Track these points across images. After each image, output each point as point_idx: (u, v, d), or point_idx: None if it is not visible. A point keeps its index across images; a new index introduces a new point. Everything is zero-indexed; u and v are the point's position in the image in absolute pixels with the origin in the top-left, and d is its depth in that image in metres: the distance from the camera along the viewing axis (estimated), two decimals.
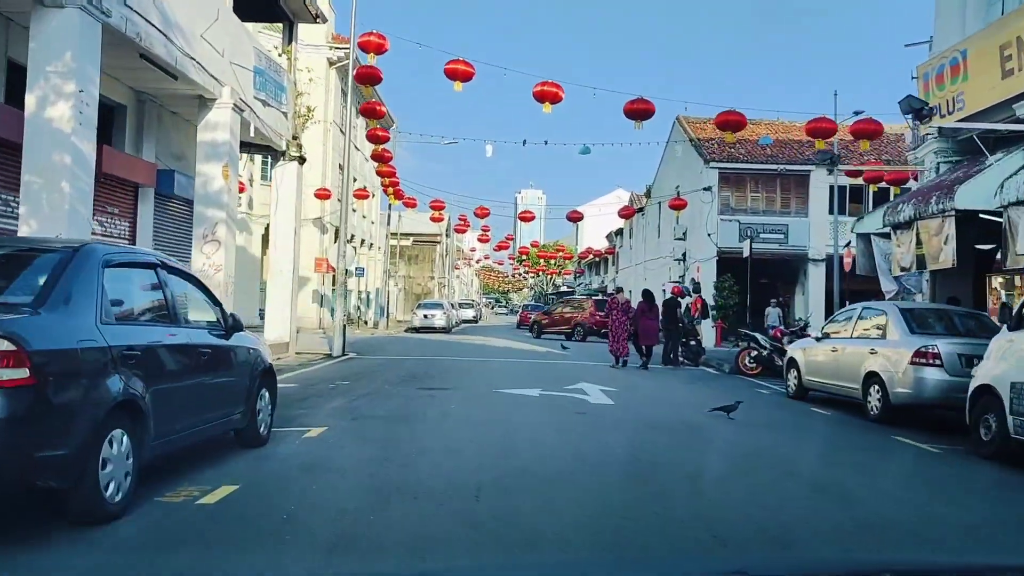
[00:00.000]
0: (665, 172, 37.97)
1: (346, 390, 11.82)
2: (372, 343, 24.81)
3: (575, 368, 18.07)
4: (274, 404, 7.55)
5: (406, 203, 35.23)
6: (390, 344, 24.54)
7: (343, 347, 19.55)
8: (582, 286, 67.44)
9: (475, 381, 13.97)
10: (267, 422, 7.29)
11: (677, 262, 33.95)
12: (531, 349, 24.34)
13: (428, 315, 35.73)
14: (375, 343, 24.91)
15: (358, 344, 23.21)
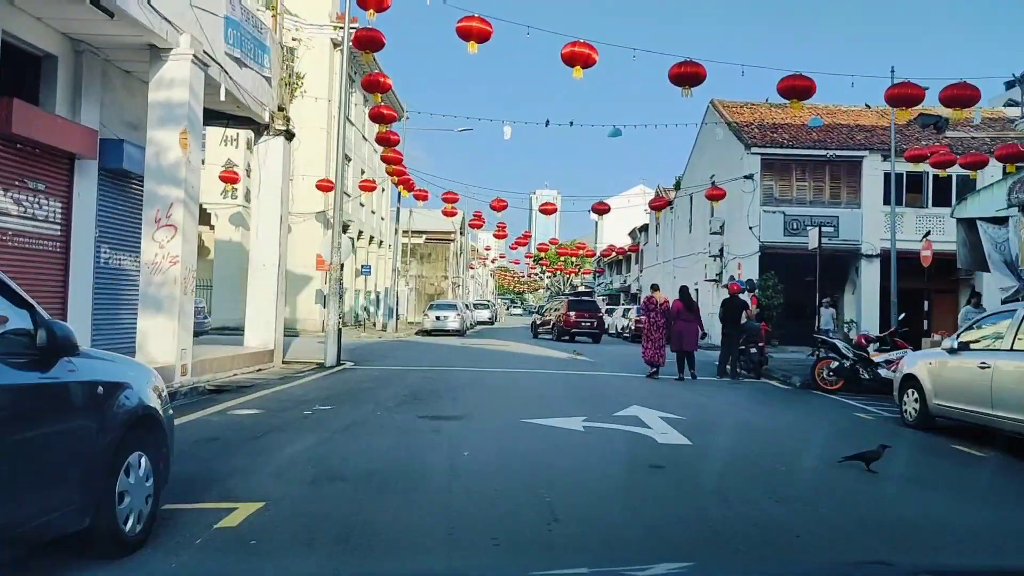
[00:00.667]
0: (697, 161, 34.68)
1: (323, 420, 8.69)
2: (376, 349, 21.70)
3: (613, 382, 14.88)
4: (161, 476, 4.39)
5: (416, 195, 32.17)
6: (396, 350, 21.42)
7: (338, 355, 16.47)
8: (602, 286, 64.05)
9: (495, 404, 10.81)
10: (143, 510, 4.14)
11: (713, 259, 30.66)
12: (555, 356, 21.15)
13: (441, 317, 32.63)
14: (379, 349, 21.81)
15: (359, 351, 20.12)
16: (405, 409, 9.67)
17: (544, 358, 20.21)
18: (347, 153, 36.04)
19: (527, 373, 15.86)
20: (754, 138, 28.90)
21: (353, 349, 20.40)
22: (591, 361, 19.62)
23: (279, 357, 16.18)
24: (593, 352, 23.53)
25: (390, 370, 15.60)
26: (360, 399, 10.79)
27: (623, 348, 27.69)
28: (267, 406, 9.81)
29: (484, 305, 53.26)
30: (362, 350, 20.59)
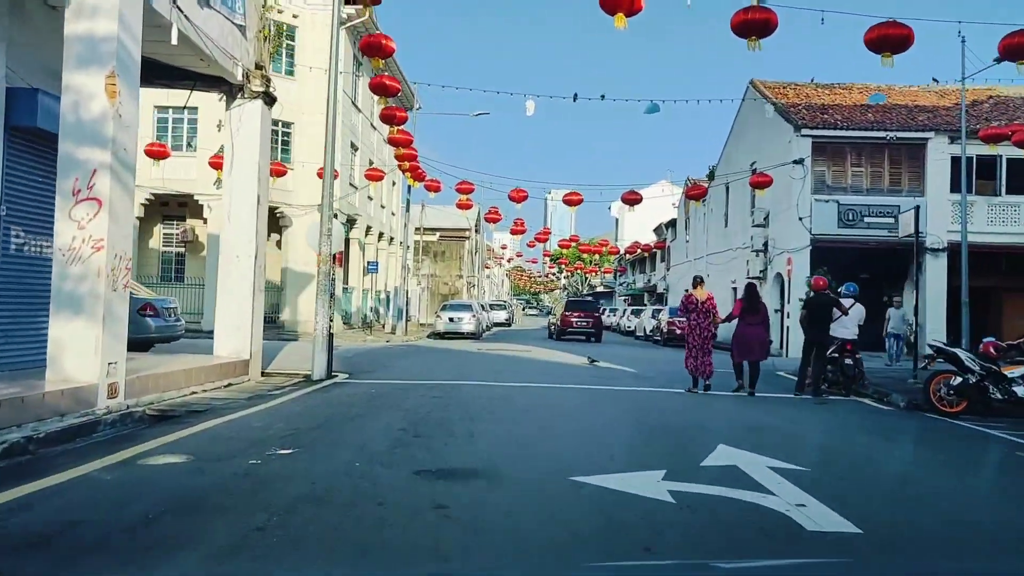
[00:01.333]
0: (735, 148, 31.43)
1: (268, 482, 5.61)
2: (379, 355, 18.64)
3: (670, 402, 11.76)
4: None
5: (428, 186, 29.10)
6: (402, 357, 18.33)
7: (328, 365, 13.44)
8: (624, 286, 60.87)
9: (528, 443, 7.69)
10: None
11: (756, 254, 27.42)
12: (587, 366, 18.05)
13: (454, 318, 29.59)
14: (383, 355, 18.74)
15: (359, 358, 17.11)
16: (399, 457, 6.57)
17: (576, 368, 17.08)
18: (353, 141, 33.12)
19: (561, 389, 12.73)
20: (803, 119, 25.65)
21: (352, 357, 17.38)
22: (631, 372, 16.50)
23: (256, 368, 13.16)
24: (630, 359, 20.39)
25: (390, 385, 12.52)
26: (339, 437, 7.71)
27: (655, 353, 24.51)
28: (204, 449, 6.75)
29: (501, 306, 50.21)
30: (363, 357, 17.56)
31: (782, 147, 25.71)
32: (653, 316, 33.41)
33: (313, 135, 29.47)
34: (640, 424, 9.18)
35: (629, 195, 26.35)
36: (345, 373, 13.92)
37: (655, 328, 31.40)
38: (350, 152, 31.66)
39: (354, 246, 32.93)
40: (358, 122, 33.05)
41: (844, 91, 29.34)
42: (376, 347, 21.83)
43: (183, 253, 29.62)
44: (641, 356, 22.44)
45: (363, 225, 33.62)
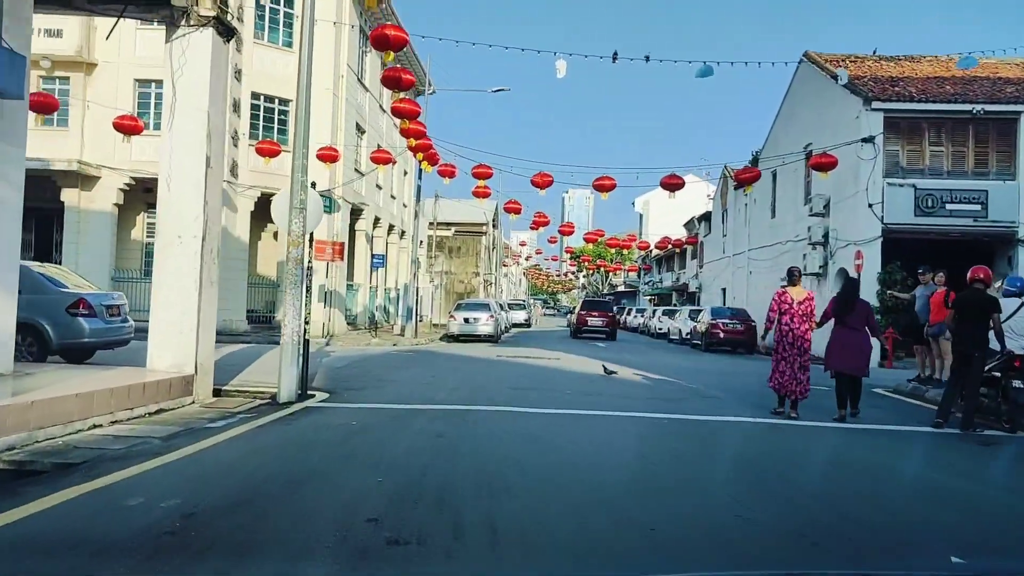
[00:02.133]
0: (785, 129, 27.82)
1: None
2: (377, 365, 15.26)
3: (778, 443, 8.32)
4: None
5: (441, 171, 25.78)
6: (405, 368, 14.90)
7: (302, 383, 10.09)
8: (649, 285, 57.20)
9: (585, 538, 4.31)
10: None
11: (814, 247, 23.82)
12: (634, 379, 14.62)
13: (470, 319, 26.22)
14: (382, 365, 15.34)
15: (352, 368, 13.78)
16: None
17: (619, 383, 13.61)
18: (359, 123, 29.84)
19: (614, 420, 9.21)
20: (873, 91, 22.03)
21: (343, 367, 14.05)
22: (689, 387, 13.01)
23: (205, 386, 9.82)
24: (676, 369, 16.91)
25: (380, 412, 9.13)
26: (253, 538, 4.31)
27: (700, 360, 20.99)
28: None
29: (520, 305, 46.76)
30: (357, 367, 14.21)
31: (847, 124, 22.12)
32: (691, 317, 29.86)
33: (315, 113, 26.21)
34: (746, 491, 5.73)
35: (670, 179, 22.84)
36: (325, 392, 10.56)
37: (694, 331, 27.87)
38: (355, 134, 28.36)
39: (360, 239, 29.65)
40: (364, 102, 29.75)
41: (912, 63, 25.67)
42: (378, 353, 18.46)
43: None
44: (687, 365, 18.94)
45: (370, 216, 30.33)
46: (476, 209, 50.19)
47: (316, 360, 15.13)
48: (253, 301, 26.02)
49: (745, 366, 19.66)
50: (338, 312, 26.88)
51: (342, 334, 26.50)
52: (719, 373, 16.60)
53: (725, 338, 25.47)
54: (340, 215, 26.78)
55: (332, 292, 26.48)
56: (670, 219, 56.46)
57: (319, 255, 23.35)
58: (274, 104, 25.53)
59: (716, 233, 37.68)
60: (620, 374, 14.70)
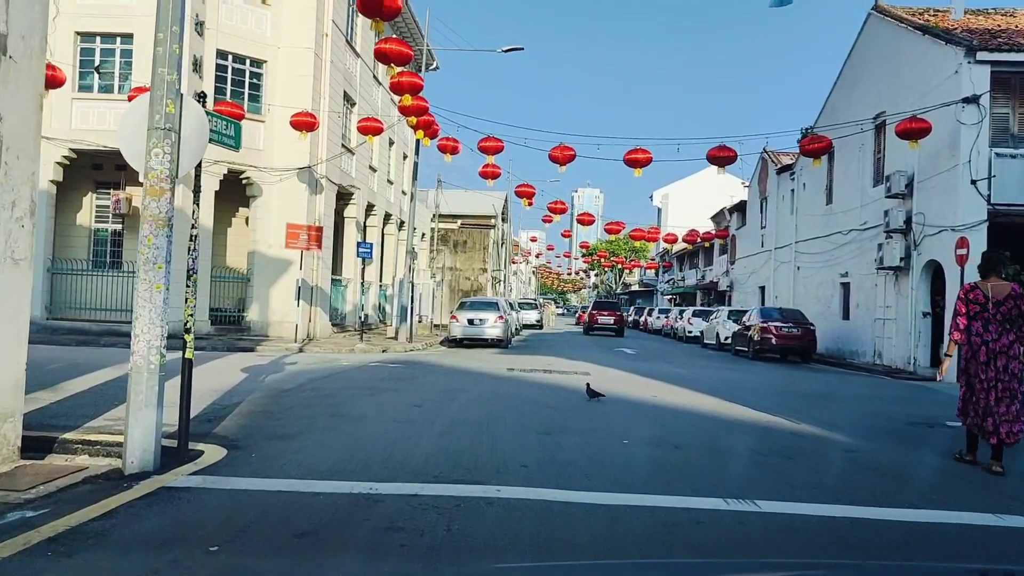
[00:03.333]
0: (846, 97, 23.37)
1: None
2: (342, 385, 10.86)
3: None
4: None
5: (442, 146, 21.53)
6: (378, 391, 10.38)
7: (182, 434, 5.79)
8: (670, 283, 52.69)
9: None
10: None
11: (891, 236, 19.40)
12: (708, 407, 10.29)
13: (475, 320, 21.93)
14: (349, 385, 10.93)
15: (297, 394, 9.46)
16: None
17: (692, 417, 9.26)
18: (348, 92, 25.57)
19: (735, 531, 4.98)
20: (976, 42, 17.62)
21: (293, 389, 9.76)
22: (815, 437, 8.67)
23: (9, 435, 5.54)
24: (740, 386, 12.57)
25: (291, 502, 4.83)
26: None
27: (756, 371, 16.62)
28: None
29: (531, 304, 42.45)
30: (313, 390, 9.90)
31: (938, 85, 17.72)
32: (732, 319, 25.47)
33: (293, 76, 22.01)
34: None
35: (719, 151, 18.51)
36: (224, 445, 6.27)
37: (737, 335, 23.47)
38: (342, 105, 24.08)
39: (350, 227, 25.39)
40: (355, 69, 25.46)
41: (1006, 17, 21.23)
42: (355, 365, 14.11)
43: (121, 231, 22.23)
44: (751, 380, 14.58)
45: (362, 201, 26.06)
46: (484, 200, 45.94)
47: (260, 377, 10.85)
48: (219, 298, 21.79)
49: (823, 381, 15.29)
50: (320, 312, 22.62)
51: (325, 337, 22.26)
52: (804, 395, 12.24)
53: (778, 344, 21.10)
54: (323, 197, 22.52)
55: (314, 288, 22.22)
56: (692, 213, 52.06)
57: (291, 241, 19.10)
58: (244, 65, 21.29)
59: (753, 225, 33.23)
60: (677, 399, 10.34)
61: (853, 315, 22.19)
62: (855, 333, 21.92)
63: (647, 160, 19.33)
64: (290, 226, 18.78)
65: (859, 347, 21.58)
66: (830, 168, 24.50)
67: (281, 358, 14.58)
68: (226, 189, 22.14)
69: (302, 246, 18.78)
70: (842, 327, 22.82)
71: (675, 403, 10.05)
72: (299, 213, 21.22)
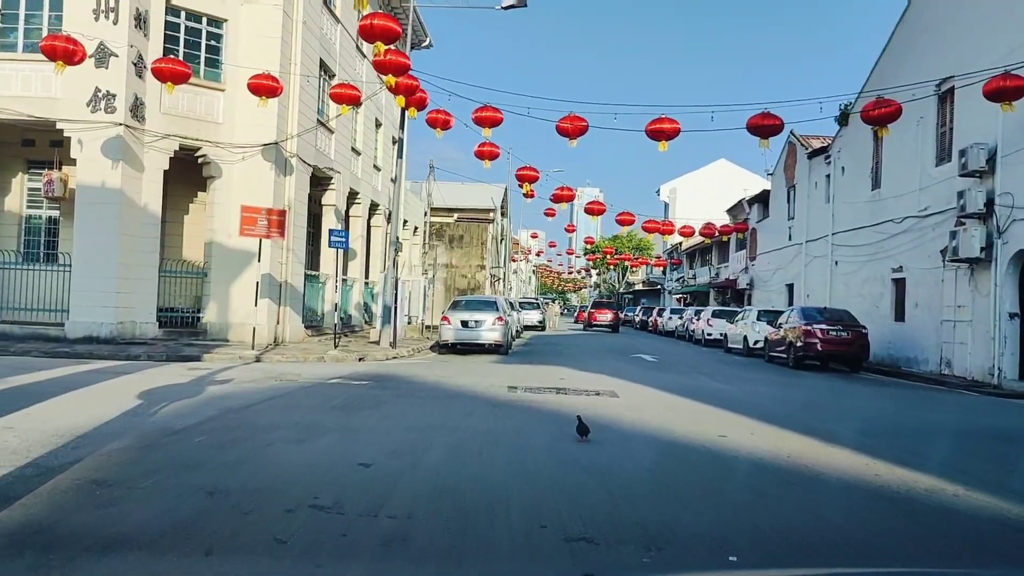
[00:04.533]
0: (898, 65, 19.97)
1: None
2: (269, 420, 7.45)
3: None
4: None
5: (432, 120, 18.19)
6: (315, 433, 6.83)
7: None
8: (679, 282, 49.31)
9: None
10: None
11: (968, 222, 16.06)
12: (807, 455, 6.92)
13: (470, 322, 18.61)
14: (277, 420, 7.47)
15: (185, 440, 6.07)
16: None
17: (814, 478, 5.93)
18: (325, 60, 22.19)
19: None
20: None
21: (184, 430, 6.40)
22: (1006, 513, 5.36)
23: None
24: (809, 408, 9.30)
25: None
26: None
27: (812, 385, 13.29)
28: None
29: (533, 304, 39.12)
30: (209, 434, 6.52)
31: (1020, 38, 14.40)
32: (763, 320, 22.11)
33: (259, 38, 18.62)
34: None
35: (762, 119, 15.19)
36: None
37: (771, 340, 20.11)
38: (319, 75, 20.72)
39: (329, 216, 22.04)
40: (334, 36, 22.12)
41: None
42: (304, 385, 10.65)
43: (57, 219, 18.88)
44: (818, 402, 11.28)
45: (342, 187, 22.72)
46: (482, 192, 42.60)
47: (156, 406, 7.52)
48: (171, 296, 18.44)
49: (905, 400, 11.96)
50: (291, 312, 19.27)
51: (296, 342, 18.93)
52: (915, 427, 8.93)
53: (824, 351, 17.80)
54: (293, 179, 19.17)
55: (283, 285, 18.89)
56: (702, 208, 48.76)
57: (247, 227, 15.72)
58: (200, 24, 17.96)
59: (777, 216, 29.88)
60: (755, 440, 7.00)
61: (910, 316, 18.86)
62: (913, 337, 18.59)
63: (674, 131, 16.01)
64: (246, 209, 15.41)
65: (919, 354, 18.26)
66: (876, 148, 21.18)
67: (218, 372, 11.23)
68: (182, 169, 18.81)
69: (261, 233, 15.42)
70: (895, 330, 19.49)
71: (758, 449, 6.70)
72: (265, 197, 17.89)
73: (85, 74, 16.00)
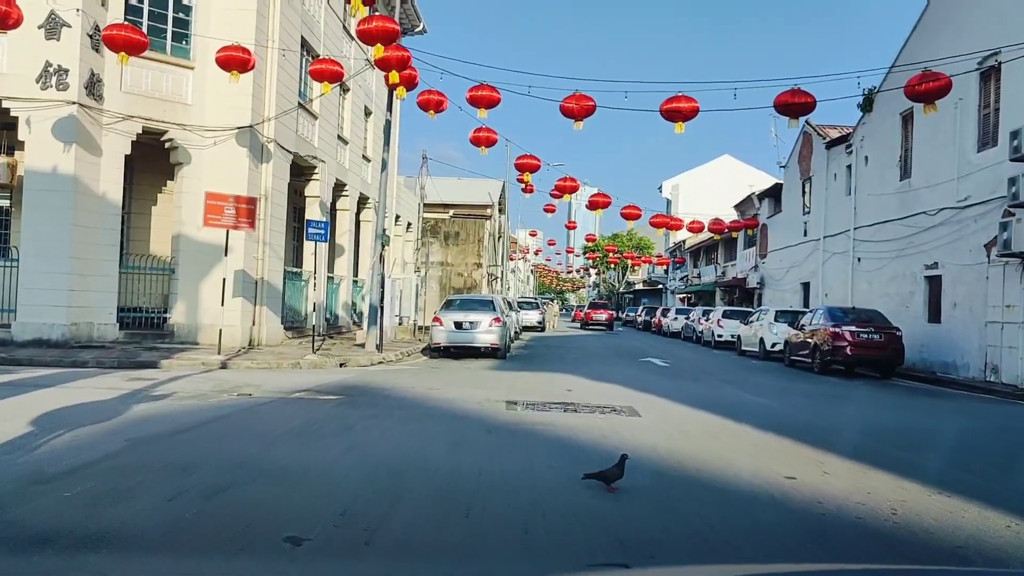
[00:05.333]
0: (930, 42, 18.15)
1: None
2: (166, 470, 5.66)
3: None
4: None
5: (423, 101, 16.42)
6: (205, 501, 5.05)
7: None
8: (683, 281, 47.53)
9: None
10: None
11: (1019, 213, 14.29)
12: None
13: (465, 323, 16.82)
14: (182, 469, 5.68)
15: (41, 499, 4.29)
16: None
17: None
18: (308, 40, 20.37)
19: None
20: None
21: (59, 476, 4.53)
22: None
23: None
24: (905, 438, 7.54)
25: None
26: None
27: (846, 398, 11.53)
28: None
29: (532, 304, 37.32)
30: (97, 480, 4.79)
31: None
32: (782, 321, 20.33)
33: (232, 10, 16.78)
34: None
35: (791, 96, 13.46)
36: None
37: (792, 343, 18.33)
38: (298, 52, 18.91)
39: (313, 209, 20.22)
40: (318, 12, 20.31)
41: None
42: (262, 400, 8.82)
43: (8, 208, 17.07)
44: (868, 418, 9.53)
45: (327, 177, 20.91)
46: (479, 188, 40.82)
47: (47, 435, 5.71)
48: (135, 294, 16.64)
49: (963, 413, 10.18)
50: (268, 313, 17.46)
51: (273, 345, 17.13)
52: (1005, 453, 7.15)
53: (854, 355, 16.05)
54: (271, 167, 17.37)
55: (259, 283, 17.09)
56: (705, 205, 47.01)
57: (211, 217, 13.88)
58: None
59: (791, 211, 28.10)
60: (833, 483, 5.22)
61: (947, 317, 17.10)
62: (951, 340, 16.84)
63: (692, 111, 14.26)
64: (211, 196, 13.59)
65: (957, 358, 16.50)
66: (905, 134, 19.43)
67: (163, 384, 9.42)
68: (149, 156, 17.03)
69: (228, 224, 13.60)
70: (929, 332, 17.73)
71: (848, 501, 4.91)
72: (239, 185, 16.08)
73: (34, 46, 14.22)
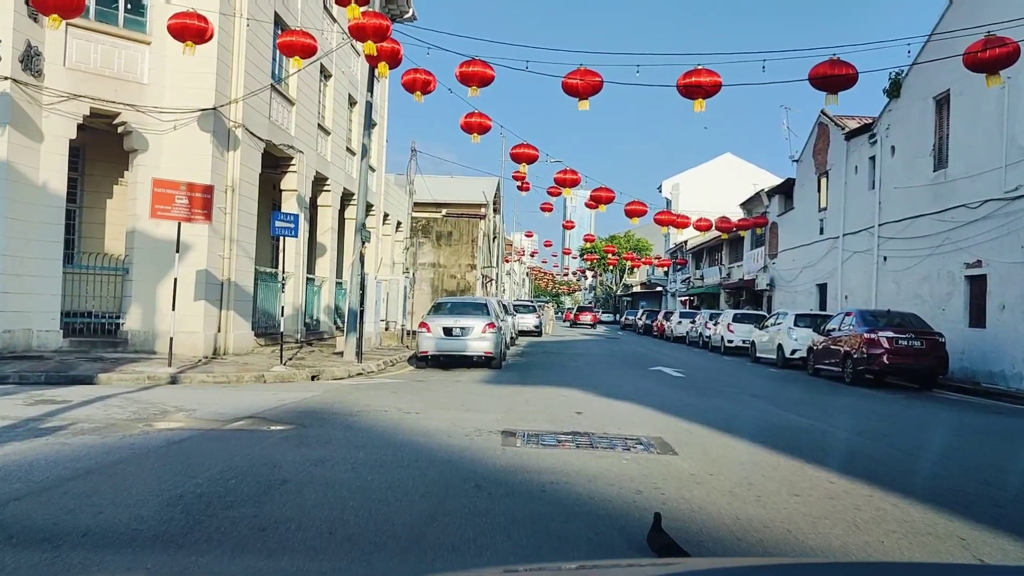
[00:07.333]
0: (972, 13, 16.35)
1: None
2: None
3: None
4: None
5: (408, 81, 14.51)
6: None
7: None
8: (686, 283, 45.66)
9: None
10: None
11: None
12: None
13: (455, 329, 14.90)
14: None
15: None
16: None
17: None
18: (281, 15, 18.46)
19: None
20: None
21: None
22: None
23: None
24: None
25: None
26: None
27: (900, 418, 9.69)
28: None
29: (528, 307, 35.41)
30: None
31: None
32: (803, 326, 18.46)
33: None
34: None
35: (829, 67, 11.66)
36: None
37: (819, 350, 16.46)
38: (272, 29, 16.99)
39: (290, 204, 18.29)
40: None
41: None
42: (187, 434, 6.88)
43: None
44: (948, 444, 7.76)
45: (305, 170, 18.98)
46: (473, 187, 38.95)
47: None
48: (84, 298, 14.69)
49: None
50: (237, 317, 15.52)
51: (241, 354, 15.19)
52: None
53: (892, 364, 14.22)
54: (238, 155, 15.43)
55: (225, 284, 15.15)
56: (706, 205, 45.19)
57: (160, 207, 11.90)
58: None
59: (804, 208, 26.28)
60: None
61: (993, 321, 15.27)
62: (997, 346, 15.00)
63: (714, 86, 12.44)
64: (159, 183, 11.63)
65: (1007, 366, 14.67)
66: (940, 120, 17.61)
67: (73, 408, 7.49)
68: (103, 142, 15.16)
69: (179, 215, 11.65)
70: (970, 338, 15.90)
71: None
72: (201, 175, 14.14)
73: None
